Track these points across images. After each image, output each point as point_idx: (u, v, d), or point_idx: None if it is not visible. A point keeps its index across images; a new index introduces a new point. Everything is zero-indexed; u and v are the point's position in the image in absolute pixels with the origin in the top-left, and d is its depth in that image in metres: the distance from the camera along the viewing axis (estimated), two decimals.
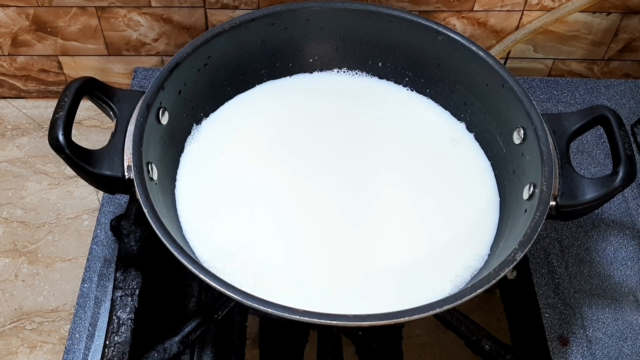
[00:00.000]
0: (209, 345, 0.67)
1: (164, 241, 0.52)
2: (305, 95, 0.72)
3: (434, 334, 0.68)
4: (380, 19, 0.69)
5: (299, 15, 0.69)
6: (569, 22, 0.86)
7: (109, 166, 0.56)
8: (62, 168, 0.86)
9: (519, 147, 0.63)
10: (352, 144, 0.69)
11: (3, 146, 0.88)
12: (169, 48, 0.87)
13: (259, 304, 0.49)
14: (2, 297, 0.76)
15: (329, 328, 0.66)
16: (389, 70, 0.73)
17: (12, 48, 0.86)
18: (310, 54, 0.72)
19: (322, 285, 0.60)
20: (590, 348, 0.68)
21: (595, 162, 0.82)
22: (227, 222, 0.63)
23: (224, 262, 0.60)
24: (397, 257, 0.62)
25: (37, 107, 0.92)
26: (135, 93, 0.61)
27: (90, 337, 0.66)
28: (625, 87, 0.89)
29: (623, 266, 0.73)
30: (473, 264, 0.61)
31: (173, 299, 0.69)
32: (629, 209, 0.78)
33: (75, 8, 0.82)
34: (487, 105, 0.67)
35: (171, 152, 0.65)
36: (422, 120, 0.71)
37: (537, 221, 0.55)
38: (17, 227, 0.81)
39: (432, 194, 0.66)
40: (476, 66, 0.66)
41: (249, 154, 0.68)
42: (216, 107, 0.70)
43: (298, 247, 0.62)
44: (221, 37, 0.65)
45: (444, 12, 0.84)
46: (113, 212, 0.75)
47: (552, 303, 0.70)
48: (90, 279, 0.70)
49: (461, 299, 0.51)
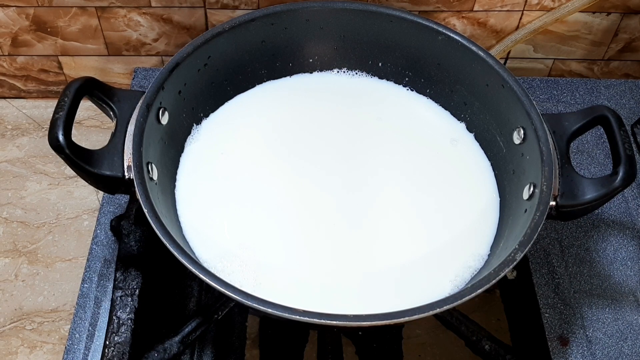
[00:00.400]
0: (209, 345, 0.67)
1: (164, 241, 0.52)
2: (305, 95, 0.72)
3: (434, 334, 0.68)
4: (380, 19, 0.69)
5: (299, 15, 0.69)
6: (569, 22, 0.86)
7: (109, 166, 0.56)
8: (62, 168, 0.86)
9: (519, 147, 0.63)
10: (352, 144, 0.69)
11: (3, 146, 0.88)
12: (169, 48, 0.87)
13: (259, 304, 0.49)
14: (2, 297, 0.76)
15: (329, 328, 0.66)
16: (389, 70, 0.73)
17: (12, 48, 0.86)
18: (310, 54, 0.72)
19: (322, 285, 0.60)
20: (590, 348, 0.68)
21: (595, 162, 0.82)
22: (227, 222, 0.63)
23: (224, 262, 0.60)
24: (397, 257, 0.62)
25: (37, 107, 0.92)
26: (135, 93, 0.61)
27: (90, 337, 0.66)
28: (625, 87, 0.89)
29: (623, 266, 0.73)
30: (473, 264, 0.61)
31: (173, 299, 0.69)
32: (629, 209, 0.78)
33: (75, 8, 0.82)
34: (487, 105, 0.67)
35: (171, 152, 0.65)
36: (422, 120, 0.71)
37: (537, 221, 0.55)
38: (17, 227, 0.81)
39: (432, 194, 0.66)
40: (476, 66, 0.66)
41: (249, 154, 0.68)
42: (216, 107, 0.70)
43: (298, 247, 0.62)
44: (221, 37, 0.65)
45: (444, 12, 0.84)
46: (113, 212, 0.75)
47: (552, 303, 0.70)
48: (90, 279, 0.70)
49: (461, 299, 0.51)
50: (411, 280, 0.60)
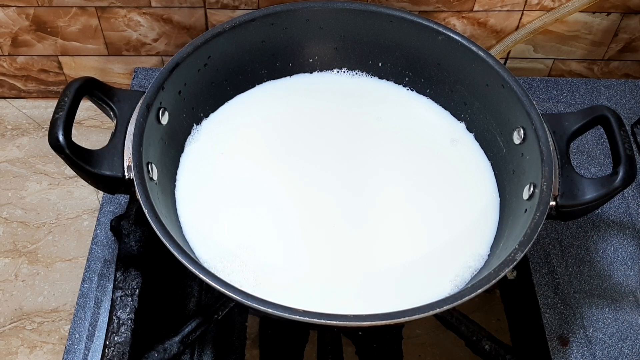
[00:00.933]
0: (209, 345, 0.67)
1: (164, 241, 0.52)
2: (305, 96, 0.72)
3: (434, 334, 0.68)
4: (380, 19, 0.69)
5: (299, 15, 0.69)
6: (569, 22, 0.86)
7: (109, 166, 0.56)
8: (62, 168, 0.86)
9: (519, 147, 0.63)
10: (352, 144, 0.69)
11: (3, 146, 0.88)
12: (169, 48, 0.87)
13: (259, 304, 0.49)
14: (2, 297, 0.76)
15: (329, 328, 0.66)
16: (389, 70, 0.73)
17: (12, 48, 0.86)
18: (310, 54, 0.72)
19: (322, 286, 0.60)
20: (590, 348, 0.68)
21: (595, 162, 0.82)
22: (227, 222, 0.63)
23: (224, 262, 0.60)
24: (397, 257, 0.62)
25: (37, 107, 0.92)
26: (135, 93, 0.61)
27: (90, 337, 0.66)
28: (625, 87, 0.89)
29: (623, 266, 0.73)
30: (473, 264, 0.61)
31: (173, 299, 0.69)
32: (629, 209, 0.78)
33: (75, 8, 0.82)
34: (487, 105, 0.67)
35: (171, 152, 0.65)
36: (422, 120, 0.71)
37: (537, 221, 0.55)
38: (17, 227, 0.81)
39: (432, 194, 0.66)
40: (476, 66, 0.66)
41: (249, 154, 0.68)
42: (216, 107, 0.70)
43: (298, 247, 0.62)
44: (221, 37, 0.65)
45: (444, 12, 0.84)
46: (113, 212, 0.75)
47: (552, 303, 0.70)
48: (90, 279, 0.70)
49: (461, 299, 0.51)
50: (411, 280, 0.60)
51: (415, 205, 0.65)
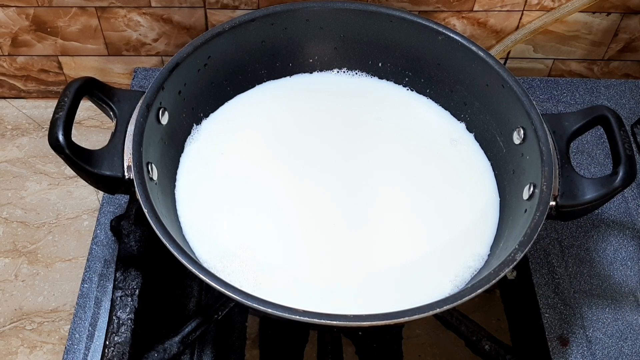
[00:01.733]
0: (209, 345, 0.67)
1: (164, 241, 0.52)
2: (305, 96, 0.72)
3: (434, 334, 0.68)
4: (380, 19, 0.69)
5: (299, 15, 0.69)
6: (569, 22, 0.86)
7: (109, 166, 0.56)
8: (62, 168, 0.86)
9: (519, 147, 0.63)
10: (352, 144, 0.69)
11: (3, 146, 0.88)
12: (169, 48, 0.87)
13: (259, 304, 0.49)
14: (2, 297, 0.76)
15: (329, 328, 0.66)
16: (389, 70, 0.73)
17: (12, 48, 0.86)
18: (310, 54, 0.72)
19: (322, 285, 0.60)
20: (590, 348, 0.68)
21: (595, 162, 0.82)
22: (227, 222, 0.63)
23: (224, 262, 0.60)
24: (397, 257, 0.62)
25: (37, 107, 0.92)
26: (135, 93, 0.61)
27: (90, 337, 0.66)
28: (625, 87, 0.89)
29: (623, 266, 0.73)
30: (473, 264, 0.61)
31: (173, 299, 0.69)
32: (629, 209, 0.78)
33: (75, 8, 0.82)
34: (487, 105, 0.67)
35: (171, 152, 0.65)
36: (422, 120, 0.71)
37: (537, 221, 0.55)
38: (17, 227, 0.81)
39: (432, 194, 0.66)
40: (476, 66, 0.66)
41: (248, 154, 0.68)
42: (216, 107, 0.70)
43: (298, 247, 0.62)
44: (221, 37, 0.65)
45: (444, 12, 0.84)
46: (113, 212, 0.75)
47: (552, 303, 0.70)
48: (90, 279, 0.70)
49: (461, 299, 0.51)
50: (411, 280, 0.60)
51: (415, 205, 0.65)
